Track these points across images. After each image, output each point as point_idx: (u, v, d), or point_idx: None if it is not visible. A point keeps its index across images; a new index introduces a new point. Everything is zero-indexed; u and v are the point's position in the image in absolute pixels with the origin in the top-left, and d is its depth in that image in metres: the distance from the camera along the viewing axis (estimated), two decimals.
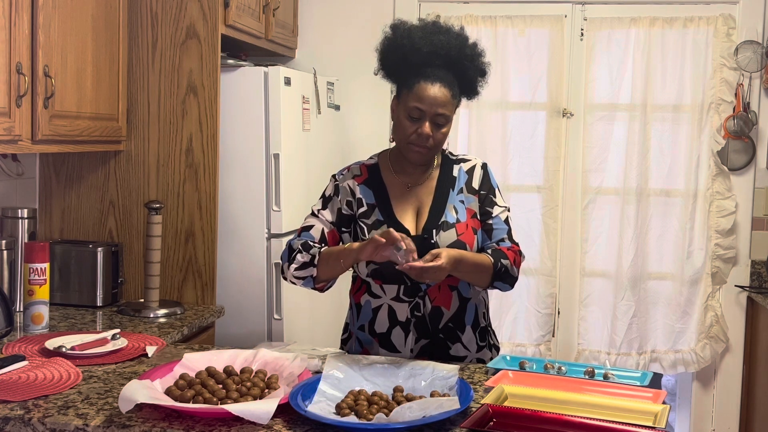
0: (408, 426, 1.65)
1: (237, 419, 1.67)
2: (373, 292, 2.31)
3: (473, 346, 2.33)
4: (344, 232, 2.34)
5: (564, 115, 3.92)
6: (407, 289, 2.26)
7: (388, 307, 2.29)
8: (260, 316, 3.23)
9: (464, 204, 2.32)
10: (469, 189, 2.34)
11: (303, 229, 2.35)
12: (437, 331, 2.28)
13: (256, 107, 3.17)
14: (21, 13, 2.37)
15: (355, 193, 2.33)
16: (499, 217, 2.33)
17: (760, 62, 3.77)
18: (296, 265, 2.25)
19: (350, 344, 2.40)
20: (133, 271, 3.10)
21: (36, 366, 2.07)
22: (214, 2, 2.99)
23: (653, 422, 1.75)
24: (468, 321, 2.31)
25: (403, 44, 2.27)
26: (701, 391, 4.02)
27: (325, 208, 2.35)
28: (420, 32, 2.27)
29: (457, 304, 2.29)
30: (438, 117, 2.23)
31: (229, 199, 3.18)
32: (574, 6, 3.90)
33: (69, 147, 2.72)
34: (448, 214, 2.28)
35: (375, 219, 2.29)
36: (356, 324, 2.37)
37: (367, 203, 2.31)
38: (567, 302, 4.00)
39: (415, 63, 2.25)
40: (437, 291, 2.26)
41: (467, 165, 2.38)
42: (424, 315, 2.27)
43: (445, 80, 2.24)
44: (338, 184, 2.37)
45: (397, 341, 2.29)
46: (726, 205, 3.85)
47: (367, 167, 2.38)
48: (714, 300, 3.92)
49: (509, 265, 2.25)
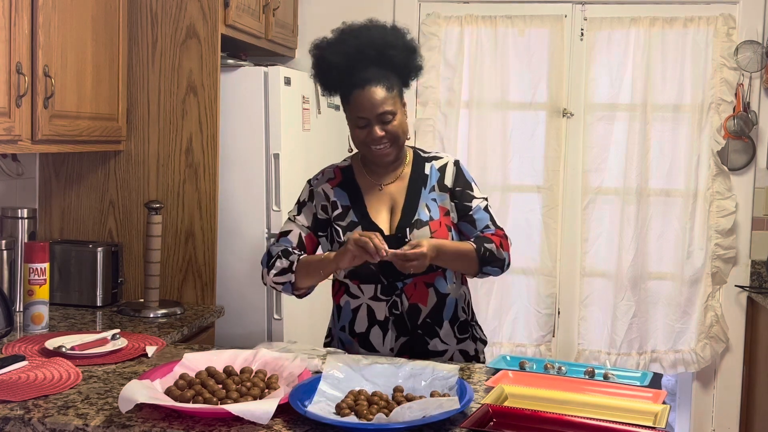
0: (408, 426, 1.65)
1: (237, 419, 1.67)
2: (351, 293, 2.33)
3: (451, 339, 2.35)
4: (321, 236, 2.38)
5: (564, 115, 3.92)
6: (384, 288, 2.29)
7: (366, 306, 2.31)
8: (260, 316, 3.23)
9: (437, 202, 2.34)
10: (441, 187, 2.36)
11: (281, 235, 2.38)
12: (415, 327, 2.31)
13: (256, 107, 3.17)
14: (21, 13, 2.37)
15: (329, 196, 2.36)
16: (479, 207, 2.36)
17: (760, 62, 3.77)
18: (275, 271, 2.30)
19: (332, 347, 2.42)
20: (133, 271, 3.10)
21: (36, 366, 2.07)
22: (214, 2, 2.99)
23: (653, 422, 1.75)
24: (446, 316, 2.33)
25: (326, 64, 2.32)
26: (701, 391, 4.02)
27: (301, 213, 2.39)
28: (330, 47, 2.32)
29: (435, 300, 2.31)
30: (382, 116, 2.25)
31: (229, 199, 3.18)
32: (574, 6, 3.90)
33: (69, 147, 2.72)
34: (421, 212, 2.31)
35: (350, 220, 2.31)
36: (338, 325, 2.40)
37: (342, 205, 2.34)
38: (567, 302, 4.00)
39: (339, 76, 2.29)
40: (413, 288, 2.29)
41: (439, 162, 2.40)
42: (402, 313, 2.29)
43: (375, 78, 2.26)
44: (313, 189, 2.40)
45: (376, 340, 2.32)
46: (726, 205, 3.85)
47: (341, 170, 2.42)
48: (714, 300, 3.92)
49: (494, 249, 2.28)
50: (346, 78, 2.28)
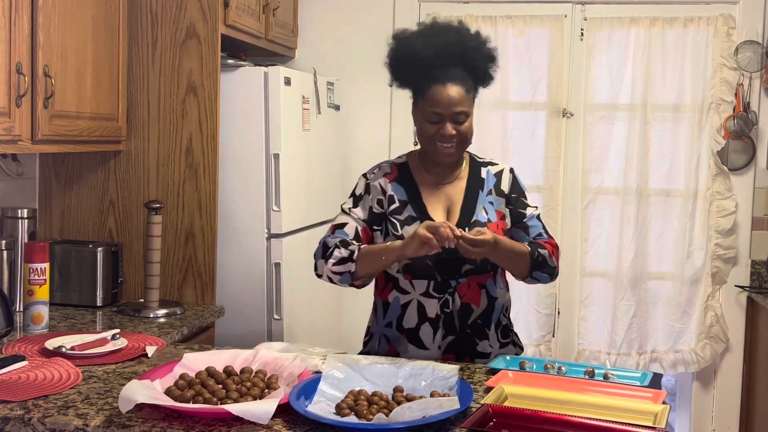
0: (408, 426, 1.65)
1: (237, 419, 1.67)
2: (401, 288, 2.32)
3: (495, 343, 2.36)
4: (375, 230, 2.36)
5: (564, 115, 3.92)
6: (437, 284, 2.28)
7: (417, 302, 2.30)
8: (260, 316, 3.23)
9: (493, 205, 2.36)
10: (497, 192, 2.38)
11: (336, 227, 2.36)
12: (465, 327, 2.31)
13: (256, 107, 3.17)
14: (21, 13, 2.37)
15: (386, 190, 2.36)
16: (533, 215, 2.40)
17: (760, 62, 3.77)
18: (334, 261, 2.27)
19: (372, 345, 2.40)
20: (133, 271, 3.10)
21: (36, 366, 2.07)
22: (214, 2, 2.99)
23: (653, 422, 1.75)
24: (494, 319, 2.35)
25: (407, 55, 2.31)
26: (701, 391, 4.02)
27: (357, 206, 2.37)
28: (419, 39, 2.31)
29: (486, 302, 2.32)
30: (457, 115, 2.27)
31: (229, 199, 3.18)
32: (574, 6, 3.90)
33: (69, 147, 2.72)
34: (479, 214, 2.33)
35: (407, 215, 2.32)
36: (382, 322, 2.37)
37: (399, 200, 2.34)
38: (567, 302, 4.00)
39: (422, 69, 2.29)
40: (467, 288, 2.29)
41: (495, 168, 2.43)
42: (452, 311, 2.29)
43: (456, 77, 2.27)
44: (369, 182, 2.39)
45: (426, 338, 2.30)
46: (726, 205, 3.85)
47: (397, 165, 2.42)
48: (714, 300, 3.91)
49: (547, 255, 2.31)
50: (428, 72, 2.28)
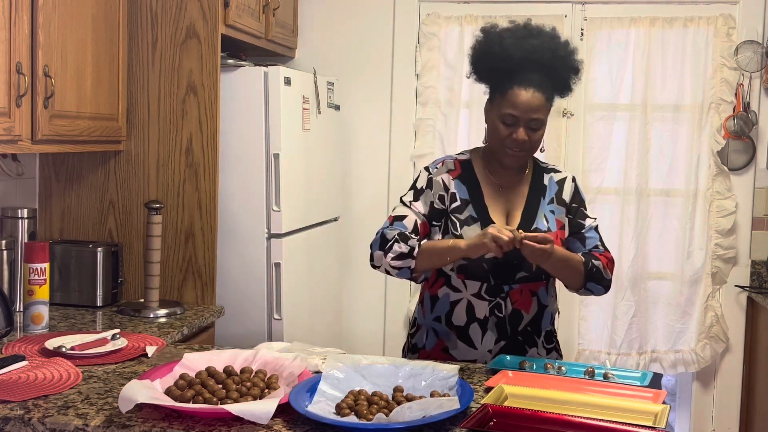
0: (408, 426, 1.65)
1: (237, 419, 1.67)
2: (453, 286, 2.31)
3: (542, 350, 2.36)
4: (434, 226, 2.32)
5: (564, 115, 3.92)
6: (489, 287, 2.27)
7: (467, 302, 2.29)
8: (260, 316, 3.22)
9: (554, 214, 2.35)
10: (559, 200, 2.37)
11: (395, 219, 2.32)
12: (516, 333, 2.30)
13: (256, 107, 3.17)
14: (21, 13, 2.37)
15: (449, 187, 2.33)
16: (591, 226, 2.38)
17: (760, 62, 3.77)
18: (393, 255, 2.24)
19: (419, 337, 2.39)
20: (133, 271, 3.10)
21: (36, 366, 2.07)
22: (214, 2, 2.99)
23: (653, 422, 1.75)
24: (543, 327, 2.35)
25: (495, 50, 2.26)
26: (701, 391, 4.02)
27: (418, 200, 2.34)
28: (511, 37, 2.27)
29: (536, 310, 2.32)
30: (532, 122, 2.24)
31: (229, 199, 3.18)
32: (574, 6, 3.90)
33: (69, 147, 2.72)
34: (539, 221, 2.31)
35: (468, 215, 2.29)
36: (430, 316, 2.36)
37: (461, 198, 2.32)
38: (567, 302, 3.99)
39: (508, 68, 2.24)
40: (519, 294, 2.28)
41: (558, 176, 2.41)
42: (504, 316, 2.28)
43: (539, 84, 2.23)
44: (432, 177, 2.35)
45: (475, 337, 2.30)
46: (726, 205, 3.85)
47: (461, 162, 2.38)
48: (714, 300, 3.91)
49: (601, 267, 2.29)
50: (513, 72, 2.23)
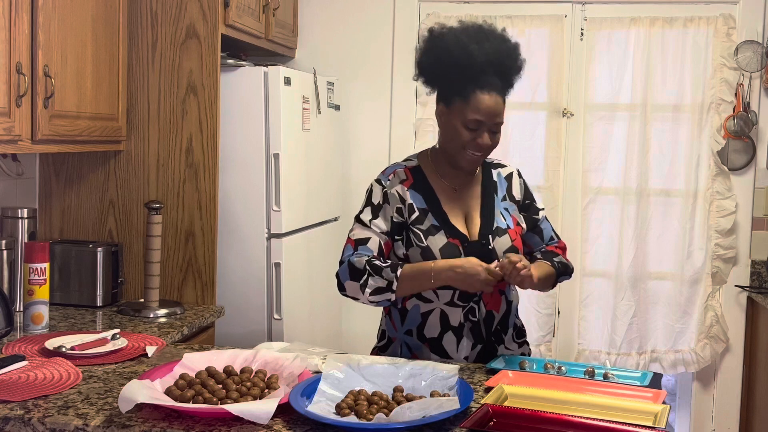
0: (408, 426, 1.65)
1: (237, 419, 1.67)
2: (423, 296, 2.24)
3: (512, 344, 2.35)
4: (396, 240, 2.26)
5: (564, 115, 3.92)
6: (462, 293, 2.22)
7: (440, 311, 2.24)
8: (260, 316, 3.23)
9: (509, 211, 2.34)
10: (510, 197, 2.37)
11: (358, 243, 2.24)
12: (489, 334, 2.28)
13: (256, 107, 3.17)
14: (21, 13, 2.37)
15: (405, 198, 2.26)
16: (544, 218, 2.43)
17: (760, 62, 3.77)
18: (370, 290, 2.18)
19: (393, 350, 2.32)
20: (133, 271, 3.10)
21: (36, 366, 2.07)
22: (214, 2, 2.99)
23: (653, 422, 1.75)
24: (511, 323, 2.34)
25: (455, 54, 2.18)
26: (701, 391, 4.02)
27: (377, 216, 2.25)
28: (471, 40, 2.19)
29: (505, 307, 2.31)
30: (496, 126, 2.22)
31: (229, 199, 3.18)
32: (574, 6, 3.90)
33: (69, 147, 2.72)
34: (498, 220, 2.30)
35: (429, 224, 2.24)
36: (401, 329, 2.30)
37: (419, 208, 2.25)
38: (567, 302, 4.00)
39: (471, 73, 2.18)
40: (490, 296, 2.26)
41: (505, 171, 2.41)
42: (479, 320, 2.26)
43: (499, 88, 2.21)
44: (387, 190, 2.27)
45: (449, 347, 2.25)
46: (726, 205, 3.85)
47: (411, 170, 2.31)
48: (714, 300, 3.91)
49: (564, 260, 2.39)
50: (475, 77, 2.18)
